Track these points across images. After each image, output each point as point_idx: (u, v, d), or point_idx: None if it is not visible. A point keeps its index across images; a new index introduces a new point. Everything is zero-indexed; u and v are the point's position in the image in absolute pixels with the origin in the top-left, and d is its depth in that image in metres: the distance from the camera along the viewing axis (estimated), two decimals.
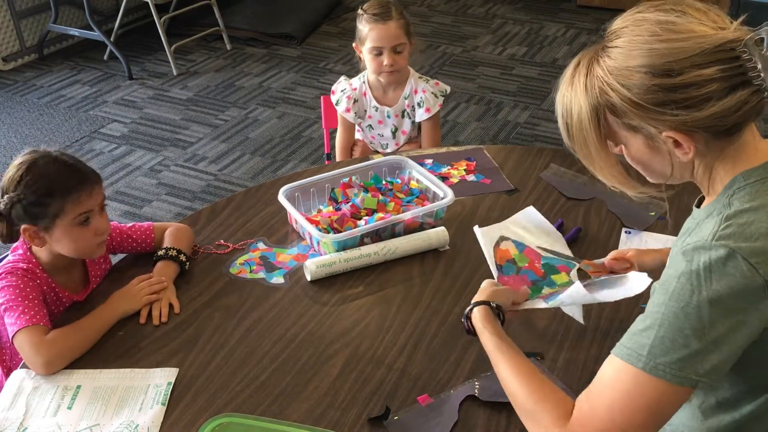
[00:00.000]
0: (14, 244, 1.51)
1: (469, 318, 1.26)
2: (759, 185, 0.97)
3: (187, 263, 1.59)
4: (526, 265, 1.57)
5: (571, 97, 1.03)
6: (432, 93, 2.33)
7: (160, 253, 1.58)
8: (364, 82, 2.37)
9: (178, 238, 1.63)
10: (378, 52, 2.23)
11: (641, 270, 1.37)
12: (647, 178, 1.08)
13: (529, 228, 1.67)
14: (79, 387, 1.31)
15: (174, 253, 1.58)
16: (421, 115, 2.33)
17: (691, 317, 0.90)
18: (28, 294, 1.41)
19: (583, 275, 1.52)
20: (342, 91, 2.38)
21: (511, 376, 1.10)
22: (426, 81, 2.35)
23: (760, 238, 0.91)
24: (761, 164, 0.99)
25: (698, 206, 1.08)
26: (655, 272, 1.30)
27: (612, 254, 1.45)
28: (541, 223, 1.69)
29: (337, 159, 2.43)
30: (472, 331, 1.26)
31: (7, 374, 1.51)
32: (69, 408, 1.27)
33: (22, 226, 1.42)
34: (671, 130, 0.96)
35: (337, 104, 2.38)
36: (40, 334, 1.36)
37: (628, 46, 0.96)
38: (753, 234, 0.91)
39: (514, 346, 1.16)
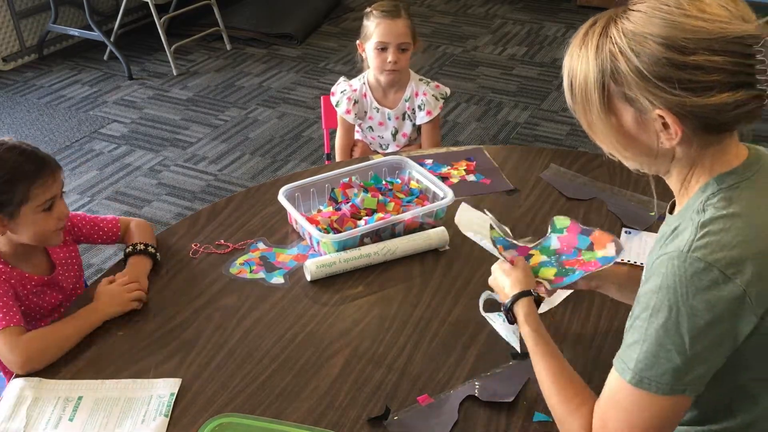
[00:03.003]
0: None
1: (511, 310, 1.25)
2: (734, 190, 0.96)
3: (158, 255, 1.61)
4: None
5: (581, 56, 0.99)
6: (433, 95, 2.33)
7: (129, 249, 1.59)
8: (364, 83, 2.37)
9: (144, 232, 1.66)
10: (383, 48, 2.23)
11: (612, 284, 1.36)
12: (623, 159, 1.05)
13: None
14: (80, 398, 1.30)
15: (143, 247, 1.59)
16: (422, 117, 2.33)
17: (671, 333, 0.92)
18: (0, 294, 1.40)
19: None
20: (342, 92, 2.37)
21: (547, 380, 1.12)
22: (427, 83, 2.35)
23: (736, 246, 0.91)
24: (734, 168, 0.98)
25: (671, 212, 1.07)
26: (623, 287, 1.33)
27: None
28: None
29: (337, 160, 2.43)
30: (513, 321, 1.25)
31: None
32: (70, 420, 1.26)
33: None
34: (665, 109, 0.93)
35: (337, 105, 2.38)
36: (15, 334, 1.36)
37: (650, 12, 0.93)
38: (729, 243, 0.91)
39: (552, 345, 1.17)
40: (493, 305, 1.48)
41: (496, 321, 1.42)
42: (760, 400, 1.02)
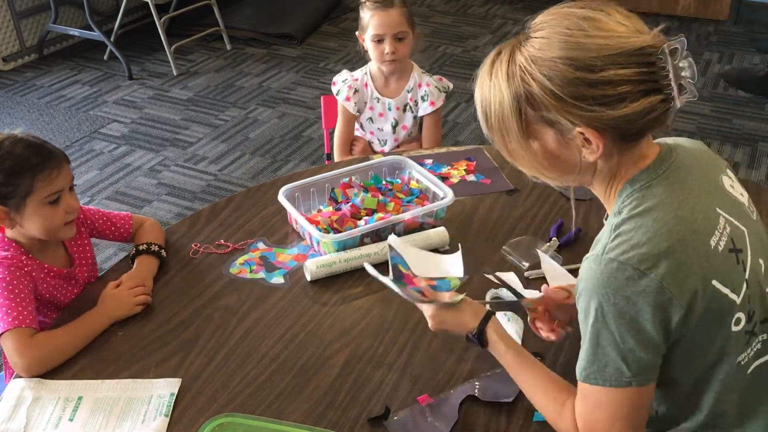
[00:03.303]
0: None
1: (481, 337, 1.22)
2: (645, 190, 1.01)
3: (163, 253, 1.62)
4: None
5: (492, 85, 1.03)
6: (436, 87, 2.32)
7: (142, 247, 1.59)
8: (366, 73, 2.36)
9: (156, 233, 1.66)
10: (379, 40, 2.22)
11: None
12: (547, 180, 1.10)
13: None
14: (80, 398, 1.30)
15: (156, 248, 1.60)
16: (425, 108, 2.32)
17: (602, 332, 0.97)
18: (15, 288, 1.40)
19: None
20: (343, 81, 2.36)
21: (533, 388, 1.16)
22: (430, 75, 2.35)
23: (646, 243, 0.95)
24: (646, 167, 1.02)
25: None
26: None
27: (553, 286, 1.40)
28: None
29: (336, 153, 2.40)
30: (485, 345, 1.22)
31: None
32: (70, 420, 1.26)
33: None
34: (584, 126, 0.97)
35: (337, 94, 2.36)
36: (26, 336, 1.36)
37: (554, 37, 0.97)
38: (639, 241, 0.95)
39: (528, 354, 1.20)
40: (495, 305, 1.48)
41: (501, 320, 1.42)
42: (715, 386, 1.04)
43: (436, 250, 1.62)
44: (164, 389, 1.31)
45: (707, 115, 3.88)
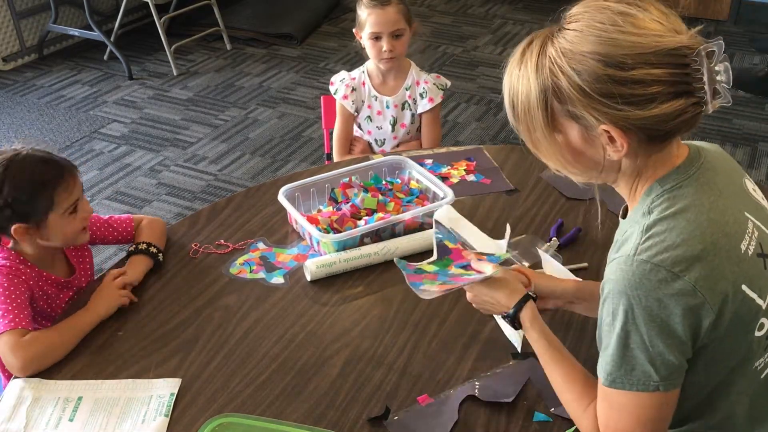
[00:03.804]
0: None
1: (516, 317, 1.22)
2: (676, 190, 0.99)
3: (161, 256, 1.61)
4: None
5: (521, 75, 1.01)
6: (434, 84, 2.32)
7: (142, 246, 1.59)
8: (363, 72, 2.36)
9: (154, 231, 1.65)
10: (377, 38, 2.21)
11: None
12: (570, 174, 1.08)
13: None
14: (80, 399, 1.29)
15: (144, 246, 1.59)
16: (423, 105, 2.31)
17: (632, 335, 0.95)
18: (12, 293, 1.40)
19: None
20: (341, 80, 2.36)
21: (560, 380, 1.15)
22: (427, 73, 2.35)
23: (680, 245, 0.93)
24: (676, 168, 1.00)
25: (624, 217, 1.09)
26: (579, 300, 1.33)
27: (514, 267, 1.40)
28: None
29: (335, 154, 2.39)
30: (519, 326, 1.23)
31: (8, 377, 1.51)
32: (70, 420, 1.26)
33: (13, 227, 1.42)
34: (610, 124, 0.95)
35: (335, 93, 2.36)
36: (19, 336, 1.36)
37: (586, 30, 0.95)
38: (673, 243, 0.93)
39: (560, 346, 1.18)
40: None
41: (498, 318, 1.41)
42: (733, 390, 1.03)
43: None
44: (164, 389, 1.31)
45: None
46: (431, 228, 1.69)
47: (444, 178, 1.91)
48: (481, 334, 1.42)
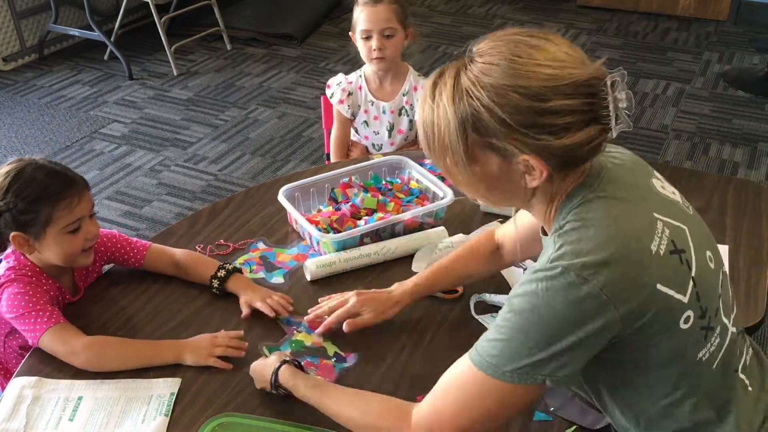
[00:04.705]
0: (5, 252, 1.49)
1: (278, 384, 1.25)
2: (583, 205, 1.02)
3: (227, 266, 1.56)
4: None
5: (435, 108, 1.02)
6: None
7: (222, 274, 1.52)
8: (360, 76, 2.34)
9: (202, 261, 1.59)
10: (367, 36, 2.19)
11: None
12: (486, 202, 1.12)
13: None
14: (80, 398, 1.29)
15: (229, 267, 1.54)
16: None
17: (532, 330, 0.97)
18: (38, 299, 1.39)
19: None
20: (337, 84, 2.35)
21: (341, 406, 1.17)
22: (425, 78, 2.32)
23: (590, 253, 0.96)
24: (579, 184, 1.03)
25: (545, 233, 1.12)
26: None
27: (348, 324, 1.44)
28: None
29: (332, 156, 2.38)
30: (287, 394, 1.25)
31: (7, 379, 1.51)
32: (70, 420, 1.25)
33: (11, 234, 1.41)
34: (531, 153, 0.98)
35: (331, 97, 2.35)
36: (66, 329, 1.37)
37: (503, 63, 0.97)
38: (582, 250, 0.96)
39: (330, 383, 1.25)
40: (485, 308, 1.48)
41: (489, 323, 1.43)
42: (686, 385, 1.05)
43: None
44: (164, 389, 1.31)
45: (707, 115, 3.88)
46: (431, 228, 1.69)
47: (444, 178, 1.91)
48: (477, 335, 1.42)
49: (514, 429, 1.23)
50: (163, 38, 4.41)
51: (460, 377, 1.05)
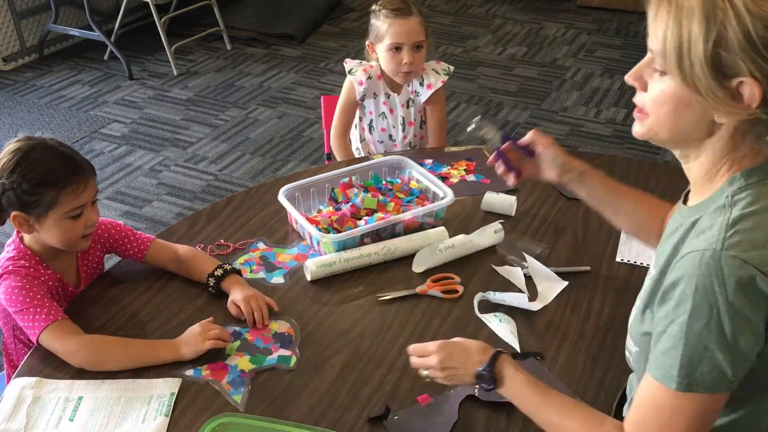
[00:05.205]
0: (9, 240, 1.49)
1: (491, 374, 1.13)
2: (759, 186, 0.95)
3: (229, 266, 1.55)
4: None
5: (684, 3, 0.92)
6: (433, 69, 2.24)
7: (219, 273, 1.51)
8: (377, 65, 2.25)
9: (204, 258, 1.59)
10: (397, 48, 2.14)
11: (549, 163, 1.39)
12: (648, 125, 1.00)
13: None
14: (80, 398, 1.29)
15: (228, 267, 1.54)
16: (425, 93, 2.24)
17: (714, 333, 0.90)
18: (35, 293, 1.39)
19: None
20: (359, 63, 2.27)
21: (562, 421, 1.07)
22: (426, 61, 2.26)
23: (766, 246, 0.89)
24: (762, 164, 0.96)
25: (685, 202, 1.05)
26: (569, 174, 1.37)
27: (532, 133, 1.42)
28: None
29: (334, 142, 2.31)
30: (492, 387, 1.14)
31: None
32: (71, 420, 1.25)
33: (13, 213, 1.40)
34: (759, 78, 0.89)
35: (350, 72, 2.25)
36: (65, 326, 1.36)
37: None
38: (761, 241, 0.90)
39: (549, 388, 1.12)
40: (488, 307, 1.48)
41: (492, 321, 1.43)
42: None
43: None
44: (164, 389, 1.31)
45: None
46: (431, 228, 1.69)
47: (444, 178, 1.91)
48: (481, 334, 1.42)
49: (514, 429, 1.23)
50: (163, 38, 4.41)
51: (649, 398, 0.97)
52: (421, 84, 2.25)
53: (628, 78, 1.02)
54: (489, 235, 1.65)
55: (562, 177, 1.38)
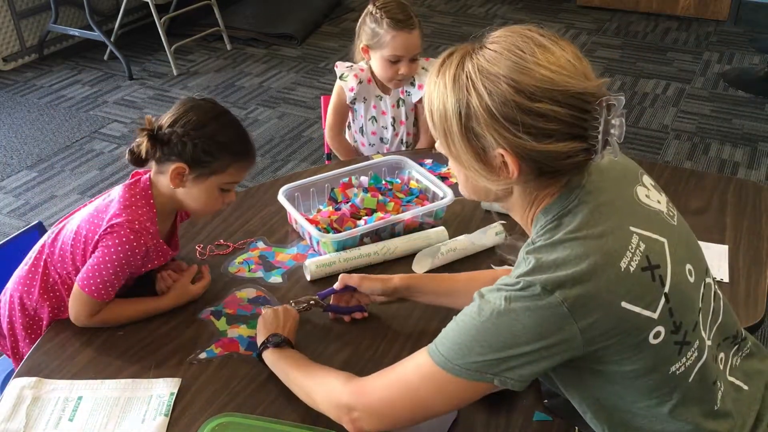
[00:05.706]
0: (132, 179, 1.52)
1: (264, 346, 1.32)
2: (557, 220, 1.02)
3: None
4: None
5: (438, 84, 1.03)
6: (423, 68, 2.24)
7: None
8: (367, 68, 2.27)
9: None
10: (396, 60, 2.14)
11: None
12: (465, 191, 1.15)
13: None
14: (80, 398, 1.29)
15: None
16: (416, 93, 2.24)
17: (489, 332, 0.98)
18: (118, 269, 1.41)
19: None
20: (349, 67, 2.27)
21: (298, 377, 1.23)
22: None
23: (558, 268, 0.96)
24: (556, 199, 1.03)
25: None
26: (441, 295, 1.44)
27: (340, 278, 1.47)
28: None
29: (329, 137, 2.32)
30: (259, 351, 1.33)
31: (18, 361, 1.51)
32: (70, 420, 1.25)
33: (176, 164, 1.41)
34: (507, 149, 0.98)
35: (341, 78, 2.26)
36: (97, 306, 1.42)
37: (505, 53, 0.98)
38: (549, 266, 0.97)
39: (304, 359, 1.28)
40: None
41: None
42: (666, 400, 1.04)
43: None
44: (164, 389, 1.31)
45: (707, 115, 3.88)
46: (431, 228, 1.69)
47: (444, 178, 1.91)
48: None
49: (514, 429, 1.23)
50: (163, 38, 4.41)
51: (410, 360, 1.08)
52: (412, 84, 2.25)
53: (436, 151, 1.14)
54: (490, 236, 1.65)
55: (392, 296, 1.46)
